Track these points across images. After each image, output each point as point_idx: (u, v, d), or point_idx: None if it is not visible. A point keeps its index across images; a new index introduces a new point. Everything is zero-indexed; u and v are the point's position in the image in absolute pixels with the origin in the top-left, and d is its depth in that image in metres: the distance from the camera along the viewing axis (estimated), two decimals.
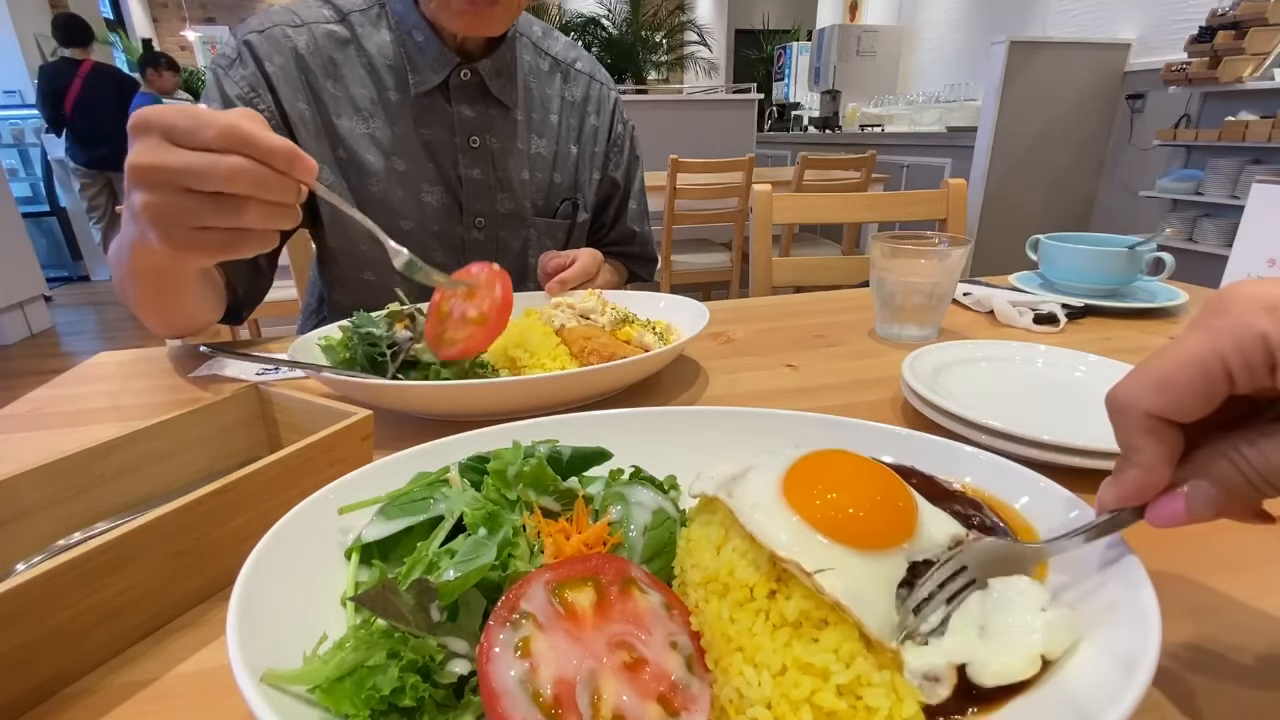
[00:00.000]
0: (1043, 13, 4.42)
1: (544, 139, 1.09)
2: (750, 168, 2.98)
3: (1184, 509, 0.30)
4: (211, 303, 0.86)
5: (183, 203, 0.53)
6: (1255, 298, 0.27)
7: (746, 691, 0.28)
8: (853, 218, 1.57)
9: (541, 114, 1.08)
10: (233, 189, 0.52)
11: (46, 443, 0.65)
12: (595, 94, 1.15)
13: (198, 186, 0.52)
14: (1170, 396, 0.29)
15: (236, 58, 0.92)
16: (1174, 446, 0.30)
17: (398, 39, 0.96)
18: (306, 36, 0.94)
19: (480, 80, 0.99)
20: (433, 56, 0.95)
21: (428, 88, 0.96)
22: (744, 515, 0.32)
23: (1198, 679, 0.34)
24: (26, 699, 0.33)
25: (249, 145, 0.51)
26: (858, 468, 0.35)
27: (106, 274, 5.89)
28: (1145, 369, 0.30)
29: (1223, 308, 0.28)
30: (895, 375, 0.66)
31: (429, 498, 0.39)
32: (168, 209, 0.54)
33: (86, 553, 0.33)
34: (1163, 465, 0.30)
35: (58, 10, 5.80)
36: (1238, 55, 2.96)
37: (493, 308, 0.67)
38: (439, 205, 1.02)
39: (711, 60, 8.21)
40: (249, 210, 0.53)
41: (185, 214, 0.54)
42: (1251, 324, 0.26)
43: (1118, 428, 0.31)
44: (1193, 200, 3.22)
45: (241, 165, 0.51)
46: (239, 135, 0.51)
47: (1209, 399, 0.28)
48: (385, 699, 0.27)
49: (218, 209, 0.53)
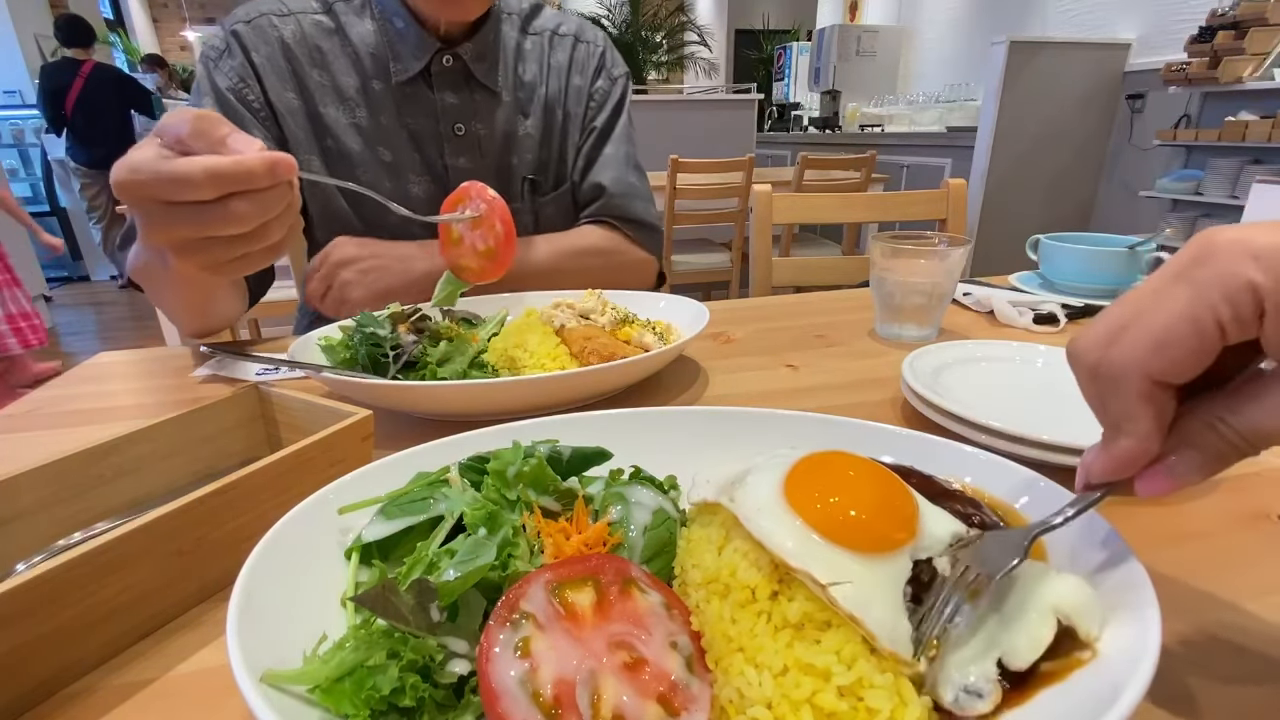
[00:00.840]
0: (1043, 13, 4.42)
1: (531, 118, 1.05)
2: (750, 168, 2.99)
3: (1171, 480, 0.29)
4: (238, 297, 0.89)
5: (212, 248, 0.55)
6: (1238, 243, 0.25)
7: (747, 691, 0.28)
8: (853, 218, 1.57)
9: (528, 92, 1.05)
10: (247, 228, 0.53)
11: (46, 443, 0.65)
12: (581, 55, 1.10)
13: (218, 235, 0.54)
14: (1169, 357, 0.27)
15: (225, 49, 0.92)
16: (1168, 413, 0.29)
17: (380, 27, 0.95)
18: (293, 26, 0.94)
19: (463, 65, 0.97)
20: (413, 43, 0.94)
21: (409, 75, 0.95)
22: (749, 521, 0.32)
23: (1198, 679, 0.34)
24: (26, 699, 0.33)
25: (232, 181, 0.51)
26: (858, 469, 0.35)
27: (106, 274, 5.90)
28: (1125, 329, 0.28)
29: (1205, 257, 0.26)
30: (895, 375, 0.66)
31: (429, 498, 0.39)
32: (202, 258, 0.56)
33: (86, 553, 0.33)
34: (1158, 435, 0.29)
35: (58, 11, 5.81)
36: (1238, 55, 2.96)
37: (499, 243, 0.75)
38: (426, 196, 1.01)
39: (711, 60, 8.21)
40: (269, 232, 0.56)
41: (218, 254, 0.56)
42: (1239, 273, 0.25)
43: (1112, 395, 0.29)
44: (1193, 200, 3.22)
45: (240, 211, 0.52)
46: (220, 177, 0.50)
47: (1205, 356, 0.26)
48: (385, 699, 0.27)
49: (246, 241, 0.55)
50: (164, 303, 0.84)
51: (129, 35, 8.68)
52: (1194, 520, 0.47)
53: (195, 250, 0.55)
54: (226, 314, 0.88)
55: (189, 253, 0.55)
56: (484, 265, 0.77)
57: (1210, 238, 0.26)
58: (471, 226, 0.76)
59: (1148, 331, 0.27)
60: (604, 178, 1.07)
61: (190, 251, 0.55)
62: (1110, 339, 0.29)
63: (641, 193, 1.10)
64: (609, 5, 7.26)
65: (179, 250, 0.56)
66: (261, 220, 0.53)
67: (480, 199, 0.75)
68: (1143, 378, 0.28)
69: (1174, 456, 0.29)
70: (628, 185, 1.08)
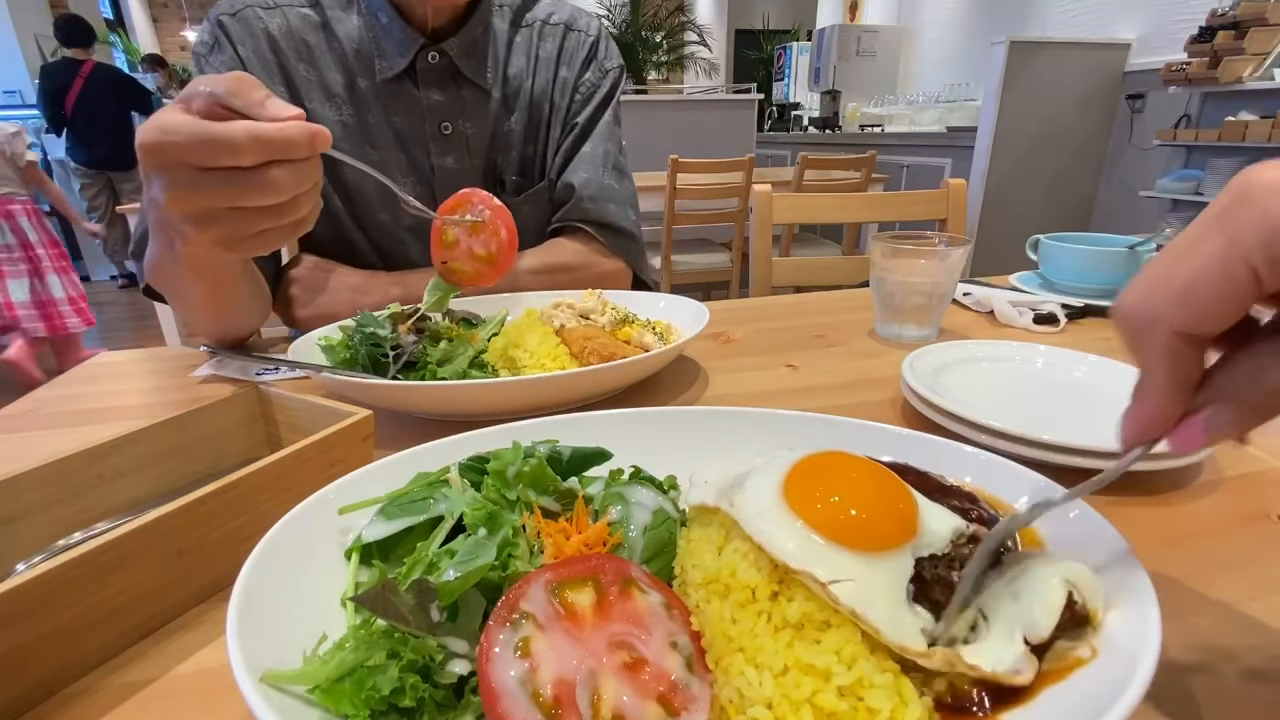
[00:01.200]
0: (1043, 13, 4.42)
1: (516, 113, 1.01)
2: (750, 168, 2.99)
3: (1205, 434, 0.27)
4: (261, 297, 0.87)
5: (235, 220, 0.53)
6: (1277, 184, 0.23)
7: (747, 691, 0.28)
8: (853, 218, 1.57)
9: (514, 87, 1.01)
10: (280, 199, 0.52)
11: (46, 443, 0.65)
12: (571, 44, 1.04)
13: (247, 207, 0.52)
14: (1197, 309, 0.25)
15: (214, 43, 0.91)
16: (1198, 367, 0.27)
17: (366, 23, 0.93)
18: (279, 19, 0.92)
19: (449, 62, 0.93)
20: (398, 38, 0.91)
21: (394, 73, 0.92)
22: (749, 525, 0.32)
23: (1198, 679, 0.34)
24: (26, 699, 0.33)
25: (275, 148, 0.49)
26: (856, 468, 0.35)
27: (106, 274, 5.90)
28: (1162, 279, 0.26)
29: (1240, 200, 0.24)
30: (895, 375, 0.66)
31: (429, 498, 0.39)
32: (222, 230, 0.54)
33: (86, 553, 0.33)
34: (1187, 391, 0.27)
35: (58, 11, 5.82)
36: (1238, 55, 2.96)
37: (500, 249, 0.75)
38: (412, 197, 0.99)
39: (711, 60, 8.21)
40: (298, 206, 0.54)
41: (241, 227, 0.54)
42: (1277, 214, 0.23)
43: (1137, 349, 0.27)
44: (1193, 200, 3.22)
45: (278, 180, 0.50)
46: (264, 143, 0.49)
47: (1237, 307, 0.25)
48: (385, 699, 0.27)
49: (273, 215, 0.53)
50: (185, 304, 0.79)
51: (129, 35, 8.69)
52: (1194, 520, 0.47)
53: (217, 221, 0.53)
54: (247, 314, 0.85)
55: (209, 224, 0.53)
56: (481, 270, 0.77)
57: (1247, 177, 0.24)
58: (472, 231, 0.76)
59: (1173, 282, 0.25)
60: (576, 178, 1.01)
61: (210, 222, 0.53)
62: (1142, 291, 0.27)
63: (617, 195, 1.04)
64: (609, 5, 7.26)
65: (199, 221, 0.53)
66: (295, 192, 0.52)
67: (485, 205, 0.75)
68: (1166, 332, 0.26)
69: (1210, 409, 0.27)
70: (600, 187, 1.02)
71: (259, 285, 0.86)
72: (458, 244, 0.77)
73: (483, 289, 0.80)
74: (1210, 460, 0.54)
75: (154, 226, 0.65)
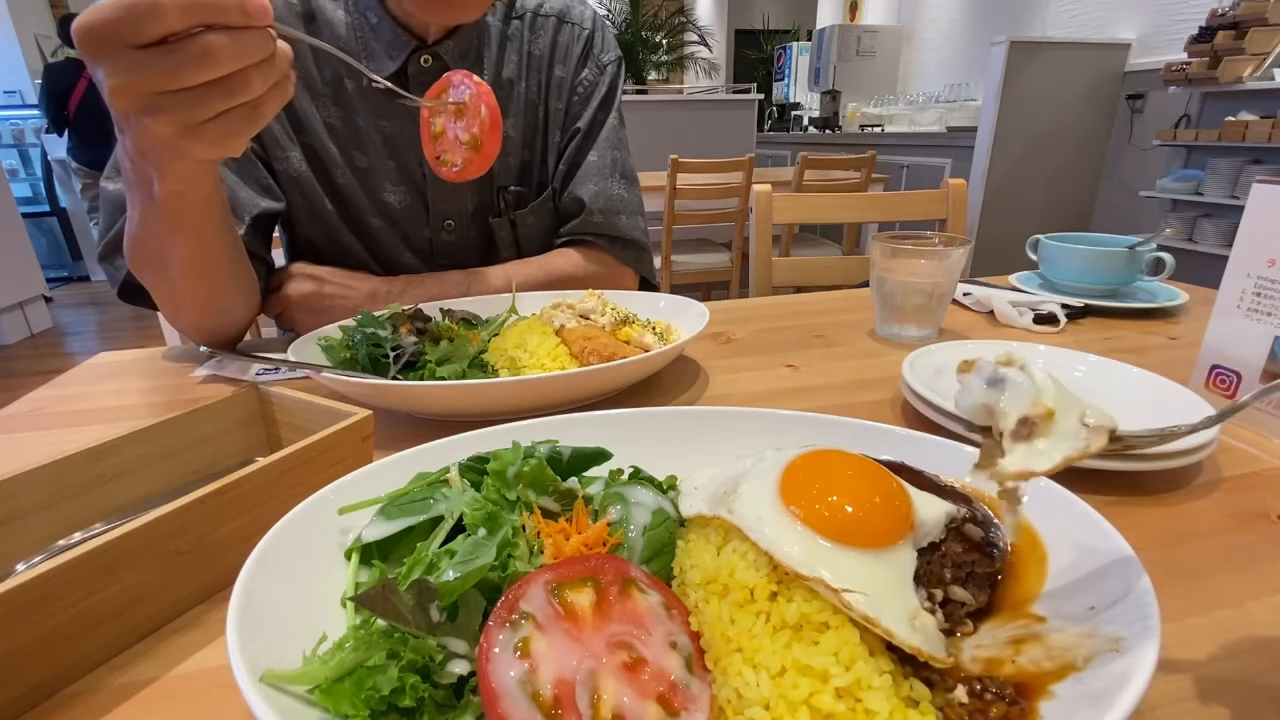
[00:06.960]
0: (1043, 13, 4.42)
1: (511, 117, 0.96)
2: (750, 168, 2.99)
3: None
4: (248, 284, 0.82)
5: (188, 104, 0.50)
6: None
7: (745, 692, 0.28)
8: (853, 218, 1.57)
9: (508, 89, 0.96)
10: (221, 71, 0.48)
11: (46, 443, 0.65)
12: (564, 39, 0.98)
13: (190, 84, 0.49)
14: None
15: None
16: None
17: (354, 20, 0.88)
18: None
19: (443, 66, 0.88)
20: (387, 41, 0.87)
21: (382, 76, 0.85)
22: (752, 531, 0.32)
23: (1198, 679, 0.34)
24: (26, 699, 0.33)
25: (201, 10, 0.46)
26: (850, 466, 0.35)
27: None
28: None
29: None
30: (895, 375, 0.66)
31: (429, 498, 0.39)
32: (177, 116, 0.51)
33: (86, 553, 0.33)
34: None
35: (58, 11, 5.81)
36: (1238, 55, 2.96)
37: (483, 131, 0.70)
38: (402, 206, 0.94)
39: (711, 60, 8.22)
40: (249, 84, 0.50)
41: (194, 111, 0.50)
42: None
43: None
44: (1193, 200, 3.22)
45: (214, 45, 0.47)
46: (188, 6, 0.46)
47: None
48: (385, 699, 0.27)
49: (224, 93, 0.50)
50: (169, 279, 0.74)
51: None
52: (1194, 520, 0.47)
53: (165, 107, 0.50)
54: (233, 293, 0.81)
55: (159, 110, 0.50)
56: (468, 157, 0.72)
57: None
58: (455, 116, 0.71)
59: None
60: (585, 192, 0.98)
61: (160, 109, 0.50)
62: None
63: (627, 205, 1.01)
64: (609, 5, 7.26)
65: (151, 110, 0.50)
66: (238, 65, 0.49)
67: (466, 82, 0.71)
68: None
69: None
70: (610, 199, 0.99)
71: (245, 266, 0.82)
72: (444, 133, 0.73)
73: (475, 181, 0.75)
74: (1210, 460, 0.54)
75: (128, 175, 0.62)
